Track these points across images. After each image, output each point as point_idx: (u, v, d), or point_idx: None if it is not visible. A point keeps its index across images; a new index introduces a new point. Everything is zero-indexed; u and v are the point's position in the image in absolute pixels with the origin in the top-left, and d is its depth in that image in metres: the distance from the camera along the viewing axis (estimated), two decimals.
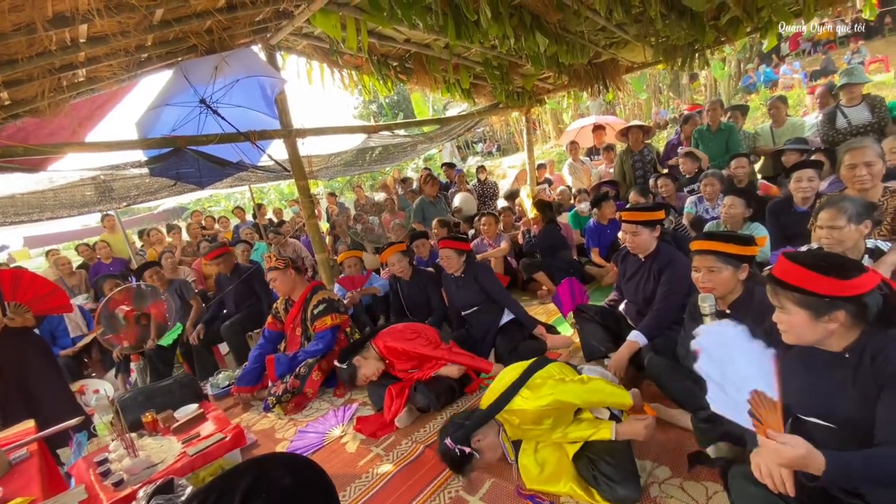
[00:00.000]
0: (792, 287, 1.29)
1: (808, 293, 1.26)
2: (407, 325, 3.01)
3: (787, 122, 4.87)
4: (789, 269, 1.31)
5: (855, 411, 1.28)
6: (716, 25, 4.38)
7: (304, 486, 0.72)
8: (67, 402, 3.02)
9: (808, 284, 1.26)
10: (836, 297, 1.23)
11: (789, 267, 1.31)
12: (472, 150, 20.30)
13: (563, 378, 1.97)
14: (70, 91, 3.21)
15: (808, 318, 1.28)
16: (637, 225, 2.60)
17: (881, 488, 1.20)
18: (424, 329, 3.00)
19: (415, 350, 2.83)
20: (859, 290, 1.23)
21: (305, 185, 4.44)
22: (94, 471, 2.22)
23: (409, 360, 2.88)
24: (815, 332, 1.29)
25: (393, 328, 2.99)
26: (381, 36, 4.38)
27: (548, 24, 4.11)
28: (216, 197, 19.08)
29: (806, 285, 1.26)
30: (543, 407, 1.86)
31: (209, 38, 3.51)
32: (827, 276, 1.24)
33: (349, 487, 2.21)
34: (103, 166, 3.77)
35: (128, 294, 3.88)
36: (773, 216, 3.18)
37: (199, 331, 4.09)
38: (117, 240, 6.11)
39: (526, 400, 1.90)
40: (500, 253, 4.88)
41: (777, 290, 1.33)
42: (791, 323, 1.31)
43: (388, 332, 2.94)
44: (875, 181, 2.38)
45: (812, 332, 1.30)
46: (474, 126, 7.26)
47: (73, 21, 2.56)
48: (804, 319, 1.28)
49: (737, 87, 13.57)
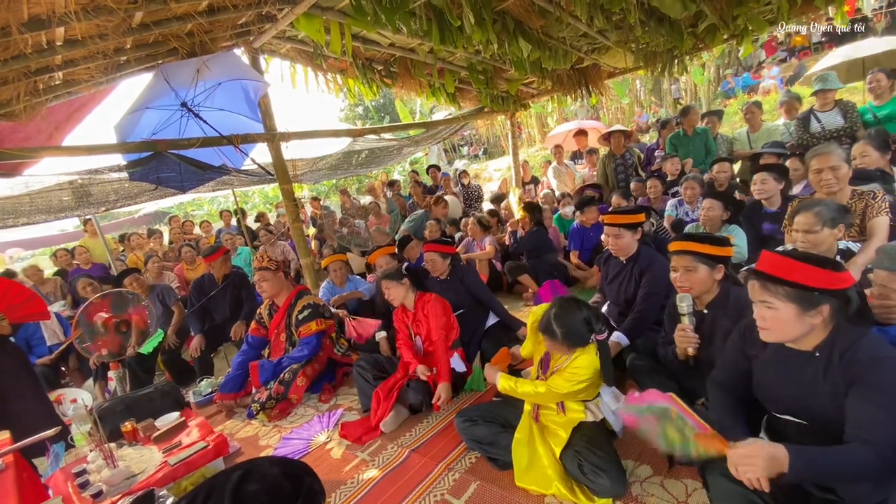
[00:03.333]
0: (783, 281, 1.29)
1: (800, 286, 1.27)
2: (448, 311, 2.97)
3: (763, 126, 5.01)
4: (781, 262, 1.32)
5: (826, 408, 1.33)
6: (694, 32, 4.48)
7: (292, 473, 0.76)
8: (44, 412, 2.94)
9: (803, 277, 1.27)
10: (825, 290, 1.26)
11: (781, 261, 1.32)
12: (459, 153, 20.36)
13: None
14: (46, 94, 3.14)
15: (795, 313, 1.29)
16: (619, 228, 2.65)
17: (847, 483, 1.24)
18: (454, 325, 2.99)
19: (438, 325, 2.80)
20: (847, 283, 1.28)
21: (290, 189, 4.41)
22: (71, 482, 2.17)
23: (425, 329, 2.89)
24: (800, 327, 1.31)
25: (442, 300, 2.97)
26: (365, 40, 4.38)
27: (531, 30, 4.17)
28: (199, 201, 18.76)
29: (799, 278, 1.28)
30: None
31: (190, 41, 3.47)
32: (823, 269, 1.27)
33: (335, 493, 2.20)
34: (81, 170, 3.69)
35: (107, 300, 3.80)
36: (746, 221, 3.29)
37: (200, 342, 3.96)
38: (97, 245, 5.99)
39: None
40: (485, 256, 4.92)
41: (766, 284, 1.33)
42: (776, 318, 1.32)
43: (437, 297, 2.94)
44: (841, 184, 2.46)
45: (796, 328, 1.31)
46: (460, 129, 7.29)
47: (50, 24, 2.51)
48: (791, 314, 1.29)
49: (716, 93, 13.88)
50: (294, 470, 0.77)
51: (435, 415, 2.75)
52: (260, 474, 0.71)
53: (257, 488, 0.68)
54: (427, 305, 2.89)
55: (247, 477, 0.70)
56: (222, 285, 4.18)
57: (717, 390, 1.63)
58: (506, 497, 1.95)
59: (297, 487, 0.73)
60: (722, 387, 1.63)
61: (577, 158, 8.58)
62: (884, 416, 1.18)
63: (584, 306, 1.92)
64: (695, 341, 1.89)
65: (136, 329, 3.87)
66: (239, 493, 0.67)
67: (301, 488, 0.73)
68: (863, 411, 1.23)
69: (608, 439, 1.98)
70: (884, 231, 2.34)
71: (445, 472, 2.20)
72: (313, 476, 0.80)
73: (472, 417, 2.27)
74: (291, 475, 0.75)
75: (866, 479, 1.19)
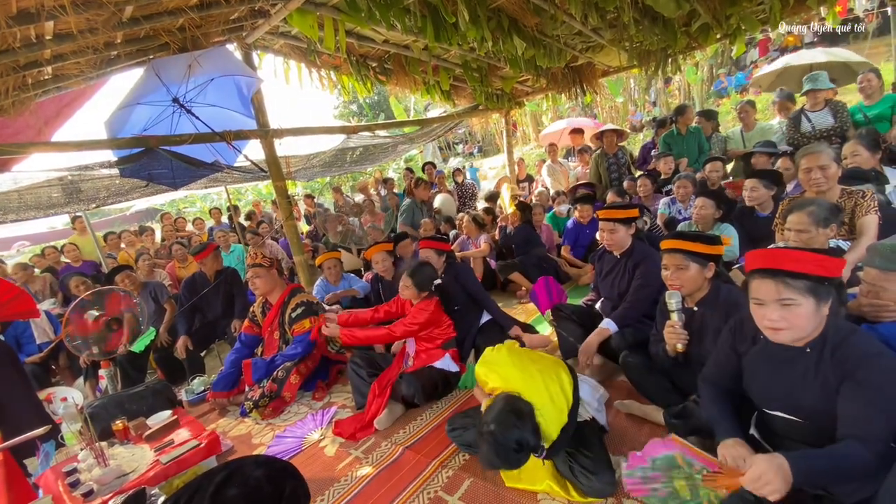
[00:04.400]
0: (802, 275, 1.27)
1: (816, 278, 1.26)
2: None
3: (757, 125, 5.05)
4: (795, 256, 1.29)
5: (817, 404, 1.33)
6: (687, 31, 4.50)
7: (275, 476, 0.76)
8: (34, 411, 2.91)
9: (817, 268, 1.26)
10: (833, 278, 1.27)
11: (794, 255, 1.29)
12: (454, 150, 20.35)
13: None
14: (35, 89, 3.10)
15: (814, 306, 1.27)
16: (614, 222, 2.68)
17: (846, 483, 1.24)
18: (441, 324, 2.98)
19: (410, 320, 2.83)
20: (842, 269, 1.30)
21: (283, 187, 4.38)
22: (62, 481, 2.15)
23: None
24: (815, 321, 1.29)
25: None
26: (359, 36, 4.36)
27: (525, 28, 4.17)
28: (191, 198, 18.62)
29: (815, 269, 1.26)
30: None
31: (182, 36, 3.44)
32: (828, 257, 1.27)
33: (328, 491, 2.20)
34: (71, 167, 3.65)
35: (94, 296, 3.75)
36: (737, 222, 3.34)
37: (185, 343, 3.87)
38: (87, 242, 5.92)
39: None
40: (480, 254, 4.93)
41: (786, 281, 1.28)
42: (799, 315, 1.28)
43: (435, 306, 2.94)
44: (830, 183, 2.49)
45: (812, 323, 1.29)
46: (455, 127, 7.29)
47: (39, 17, 2.48)
48: (811, 308, 1.27)
49: (709, 92, 13.96)
50: (278, 472, 0.77)
51: (429, 412, 2.76)
52: (242, 477, 0.71)
53: (237, 493, 0.68)
54: (421, 304, 2.89)
55: (228, 480, 0.70)
56: (215, 283, 4.15)
57: (709, 387, 1.64)
58: (499, 494, 1.96)
59: (280, 491, 0.73)
60: (713, 384, 1.64)
61: (571, 156, 8.59)
62: (876, 414, 1.20)
63: (523, 423, 1.74)
64: (683, 337, 1.90)
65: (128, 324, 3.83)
66: (218, 498, 0.66)
67: (283, 491, 0.73)
68: (855, 409, 1.24)
69: (598, 437, 1.99)
70: (873, 229, 2.37)
71: (439, 469, 2.20)
72: (298, 478, 0.80)
73: (461, 426, 2.27)
74: (274, 478, 0.75)
75: (864, 478, 1.20)
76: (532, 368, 1.96)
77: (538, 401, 1.82)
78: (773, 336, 1.35)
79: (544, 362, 2.04)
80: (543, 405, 1.82)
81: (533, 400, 1.82)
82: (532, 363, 2.01)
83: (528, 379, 1.91)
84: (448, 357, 2.88)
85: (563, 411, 1.84)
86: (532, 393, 1.85)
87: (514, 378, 1.94)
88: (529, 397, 1.83)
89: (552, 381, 1.89)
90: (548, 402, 1.82)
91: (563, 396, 1.87)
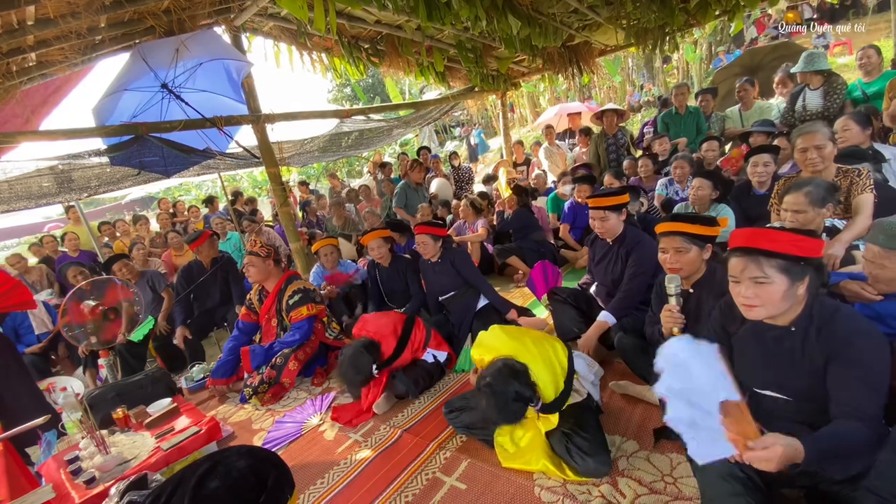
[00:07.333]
0: (775, 253, 1.29)
1: (790, 257, 1.28)
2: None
3: (755, 104, 4.98)
4: (767, 235, 1.32)
5: (805, 382, 1.35)
6: (685, 8, 4.42)
7: (258, 466, 0.76)
8: (35, 401, 2.92)
9: (791, 247, 1.28)
10: (810, 259, 1.29)
11: (766, 234, 1.32)
12: (451, 134, 20.14)
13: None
14: (20, 77, 3.04)
15: (787, 285, 1.30)
16: (604, 210, 2.65)
17: (849, 460, 1.24)
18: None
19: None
20: (821, 250, 1.32)
21: (276, 173, 4.34)
22: (64, 469, 2.17)
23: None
24: (788, 300, 1.32)
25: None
26: (350, 17, 4.27)
27: (520, 6, 4.08)
28: (186, 185, 18.46)
29: (789, 249, 1.28)
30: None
31: (167, 18, 3.35)
32: (805, 237, 1.29)
33: (328, 474, 2.23)
34: (61, 155, 3.60)
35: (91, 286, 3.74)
36: (734, 201, 3.31)
37: (183, 333, 3.88)
38: (81, 232, 5.88)
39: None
40: (477, 238, 4.92)
41: (758, 259, 1.31)
42: (770, 293, 1.31)
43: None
44: (826, 163, 2.47)
45: (785, 301, 1.32)
46: (450, 110, 7.20)
47: (19, 2, 2.42)
48: (784, 287, 1.30)
49: (708, 70, 13.78)
50: (261, 463, 0.77)
51: (427, 396, 2.78)
52: (225, 468, 0.71)
53: (218, 485, 0.68)
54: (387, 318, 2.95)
55: (211, 472, 0.70)
56: (212, 270, 4.13)
57: None
58: (496, 474, 1.99)
59: (263, 481, 0.73)
60: None
61: (568, 138, 8.50)
62: (867, 391, 1.21)
63: (519, 378, 1.84)
64: (680, 321, 1.90)
65: (126, 315, 3.83)
66: (200, 491, 0.67)
67: (266, 482, 0.74)
68: (846, 387, 1.25)
69: (595, 417, 2.01)
70: (868, 208, 2.36)
71: (437, 450, 2.23)
72: (282, 469, 0.80)
73: (457, 408, 2.31)
74: (257, 468, 0.75)
75: (866, 454, 1.20)
76: (524, 338, 2.05)
77: (532, 364, 1.92)
78: (746, 313, 1.38)
79: (537, 334, 2.14)
80: (538, 368, 1.91)
81: (527, 362, 1.92)
82: (524, 334, 2.10)
83: (520, 346, 2.00)
84: (430, 351, 2.92)
85: (557, 375, 1.93)
86: (525, 357, 1.94)
87: (507, 346, 2.02)
88: (523, 360, 1.93)
89: (545, 349, 1.99)
90: (541, 365, 1.92)
91: (557, 361, 1.97)
